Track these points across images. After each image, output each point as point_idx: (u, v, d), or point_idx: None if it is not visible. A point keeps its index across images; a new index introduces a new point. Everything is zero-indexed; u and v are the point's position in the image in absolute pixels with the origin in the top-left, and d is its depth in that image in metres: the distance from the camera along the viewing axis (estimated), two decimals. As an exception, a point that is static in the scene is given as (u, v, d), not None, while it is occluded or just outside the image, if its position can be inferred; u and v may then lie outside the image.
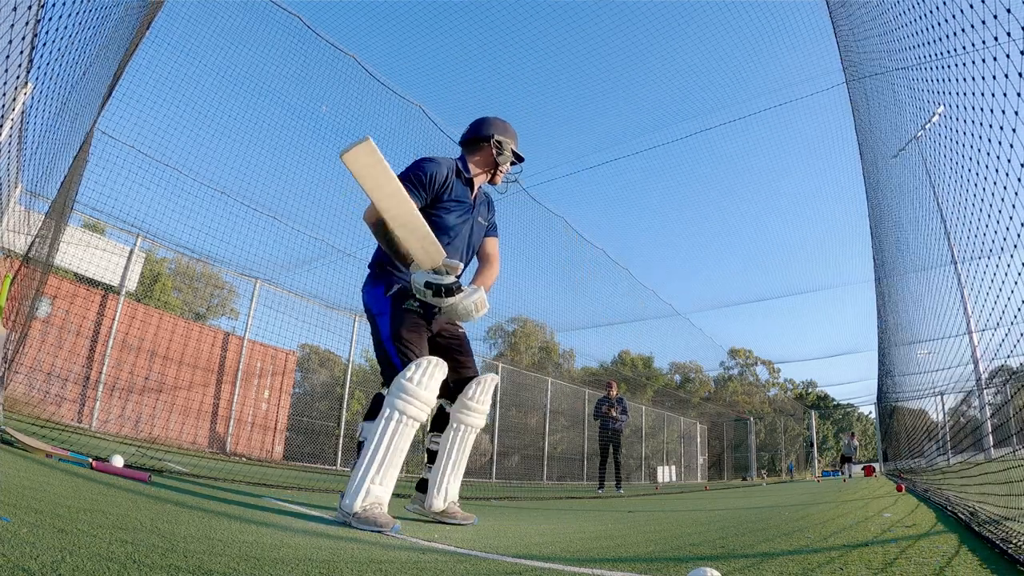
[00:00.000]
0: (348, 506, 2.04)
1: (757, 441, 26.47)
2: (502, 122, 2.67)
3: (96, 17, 2.71)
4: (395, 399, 2.15)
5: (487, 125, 2.63)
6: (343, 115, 8.92)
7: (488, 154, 2.60)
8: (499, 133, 2.61)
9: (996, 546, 1.71)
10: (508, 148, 2.62)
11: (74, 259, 7.66)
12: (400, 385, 2.17)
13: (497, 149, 2.59)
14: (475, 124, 2.66)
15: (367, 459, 2.09)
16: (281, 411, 10.75)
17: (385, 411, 2.15)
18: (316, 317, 9.72)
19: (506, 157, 2.62)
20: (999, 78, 1.91)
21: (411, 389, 2.16)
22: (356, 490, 2.04)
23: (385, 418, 2.14)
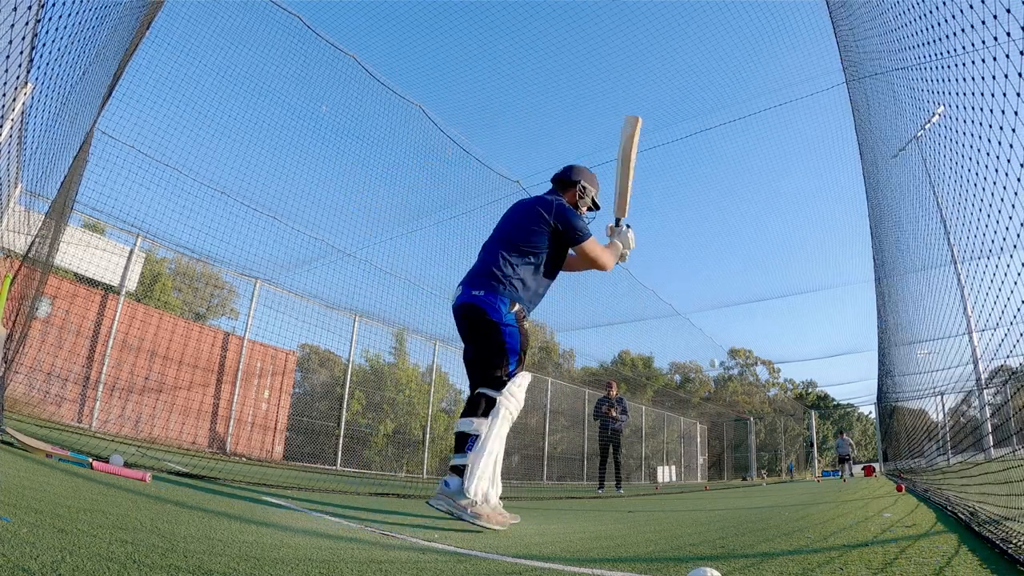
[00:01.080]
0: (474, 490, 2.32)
1: (757, 441, 26.47)
2: (590, 172, 3.13)
3: (96, 17, 2.71)
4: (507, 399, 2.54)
5: (576, 171, 3.09)
6: (343, 115, 8.93)
7: (573, 196, 3.04)
8: (584, 180, 3.06)
9: (996, 546, 1.71)
10: (589, 195, 3.07)
11: (74, 259, 7.66)
12: (511, 391, 2.57)
13: (580, 193, 3.04)
14: (567, 168, 3.11)
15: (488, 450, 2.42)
16: (281, 411, 10.75)
17: (500, 410, 2.51)
18: (316, 317, 9.73)
19: (585, 202, 3.06)
20: (999, 78, 1.91)
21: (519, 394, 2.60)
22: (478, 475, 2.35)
23: (501, 416, 2.50)
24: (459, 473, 2.41)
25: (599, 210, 3.17)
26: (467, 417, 2.54)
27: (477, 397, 2.59)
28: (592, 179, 3.10)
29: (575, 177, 3.05)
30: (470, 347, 2.78)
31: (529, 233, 2.74)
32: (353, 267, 9.78)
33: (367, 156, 9.39)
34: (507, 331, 2.64)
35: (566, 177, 3.07)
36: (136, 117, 6.81)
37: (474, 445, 2.43)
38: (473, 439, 2.45)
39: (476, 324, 2.67)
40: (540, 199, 2.88)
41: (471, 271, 2.81)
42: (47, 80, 2.64)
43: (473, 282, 2.72)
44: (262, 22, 7.48)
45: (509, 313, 2.65)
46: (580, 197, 3.03)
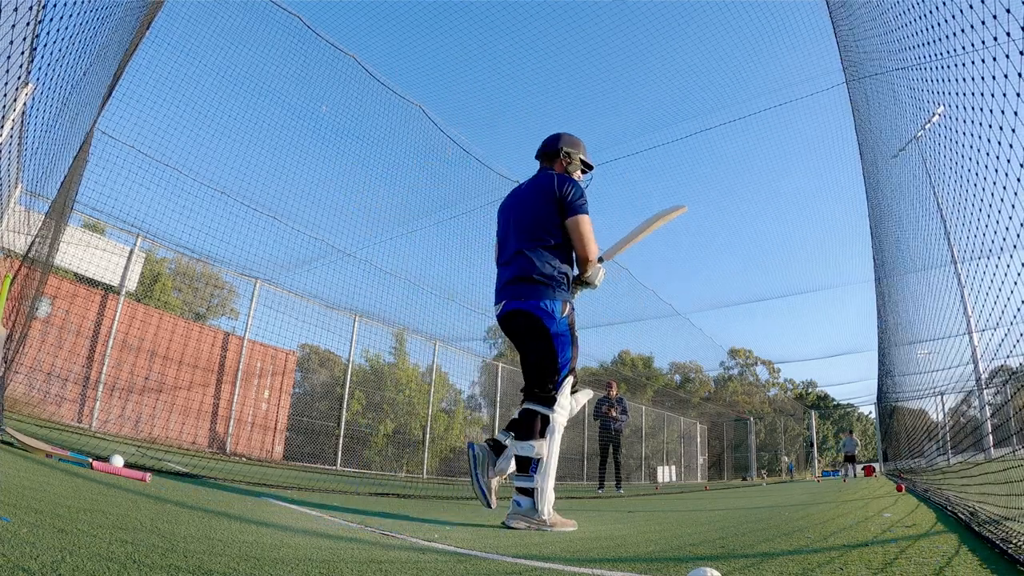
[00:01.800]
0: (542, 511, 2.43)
1: (757, 441, 26.47)
2: (570, 136, 2.99)
3: (96, 17, 2.71)
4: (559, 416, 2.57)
5: (558, 139, 2.96)
6: (343, 115, 8.93)
7: (560, 165, 2.92)
8: (567, 146, 2.94)
9: (996, 546, 1.71)
10: (576, 158, 2.94)
11: (74, 259, 7.66)
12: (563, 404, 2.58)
13: (567, 160, 2.92)
14: (548, 139, 2.99)
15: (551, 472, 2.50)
16: (281, 411, 10.75)
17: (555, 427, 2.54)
18: (316, 317, 9.73)
19: (575, 166, 2.94)
20: (999, 78, 1.91)
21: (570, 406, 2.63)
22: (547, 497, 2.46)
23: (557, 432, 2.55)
24: (526, 493, 2.48)
25: (593, 169, 3.06)
26: (526, 441, 2.53)
27: (530, 416, 2.57)
28: (573, 141, 2.97)
29: (558, 145, 2.93)
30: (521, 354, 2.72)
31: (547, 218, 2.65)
32: (353, 267, 9.79)
33: (367, 156, 9.41)
34: (558, 341, 2.59)
35: (549, 149, 2.95)
36: (136, 117, 6.81)
37: (538, 468, 2.48)
38: (536, 463, 2.50)
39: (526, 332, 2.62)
40: (537, 180, 2.81)
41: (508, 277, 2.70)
42: (47, 80, 2.64)
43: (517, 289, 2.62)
44: (262, 22, 7.49)
45: (563, 318, 2.60)
46: (568, 163, 2.91)
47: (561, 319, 2.59)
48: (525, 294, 2.59)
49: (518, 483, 2.52)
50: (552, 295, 2.59)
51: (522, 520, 2.43)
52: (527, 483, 2.48)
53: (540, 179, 2.79)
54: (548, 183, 2.71)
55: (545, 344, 2.58)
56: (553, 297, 2.59)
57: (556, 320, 2.58)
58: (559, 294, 2.61)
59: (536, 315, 2.57)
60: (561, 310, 2.60)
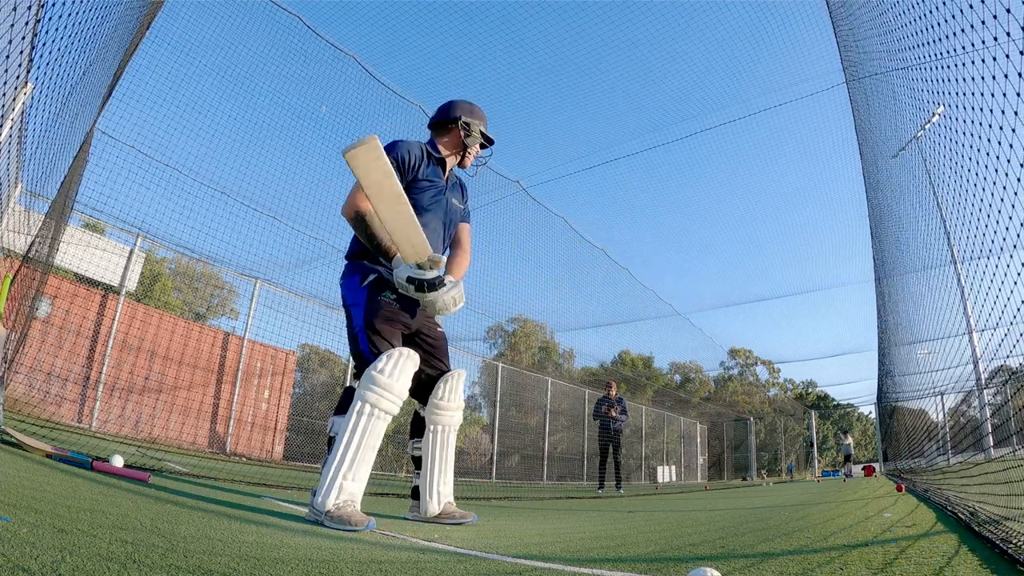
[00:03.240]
0: (321, 504, 1.99)
1: (757, 441, 26.47)
2: (469, 104, 2.67)
3: (96, 17, 2.71)
4: (365, 391, 2.12)
5: (453, 107, 2.63)
6: (343, 115, 8.92)
7: (456, 136, 2.59)
8: (466, 115, 2.60)
9: (996, 546, 1.71)
10: (476, 129, 2.61)
11: (74, 259, 7.66)
12: (371, 377, 2.13)
13: (465, 131, 2.58)
14: (442, 107, 2.66)
15: (339, 455, 2.05)
16: (281, 411, 10.75)
17: (356, 404, 2.11)
18: (316, 317, 9.72)
19: (474, 139, 2.61)
20: (999, 78, 1.91)
21: (382, 381, 2.13)
22: (329, 487, 2.01)
23: (356, 412, 2.10)
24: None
25: (493, 144, 2.74)
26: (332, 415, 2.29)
27: (345, 392, 2.30)
28: (472, 110, 2.64)
29: (453, 114, 2.59)
30: None
31: None
32: (353, 267, 9.76)
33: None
34: (353, 311, 2.34)
35: (443, 117, 2.61)
36: (136, 117, 6.82)
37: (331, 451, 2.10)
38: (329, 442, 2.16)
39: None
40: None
41: None
42: (47, 80, 2.64)
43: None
44: (262, 22, 7.49)
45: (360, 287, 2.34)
46: (466, 135, 2.58)
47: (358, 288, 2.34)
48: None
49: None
50: (350, 271, 2.40)
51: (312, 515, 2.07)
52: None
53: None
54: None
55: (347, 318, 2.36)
56: (352, 273, 2.39)
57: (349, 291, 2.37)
58: (356, 267, 2.39)
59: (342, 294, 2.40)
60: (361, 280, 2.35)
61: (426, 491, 2.49)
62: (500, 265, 10.87)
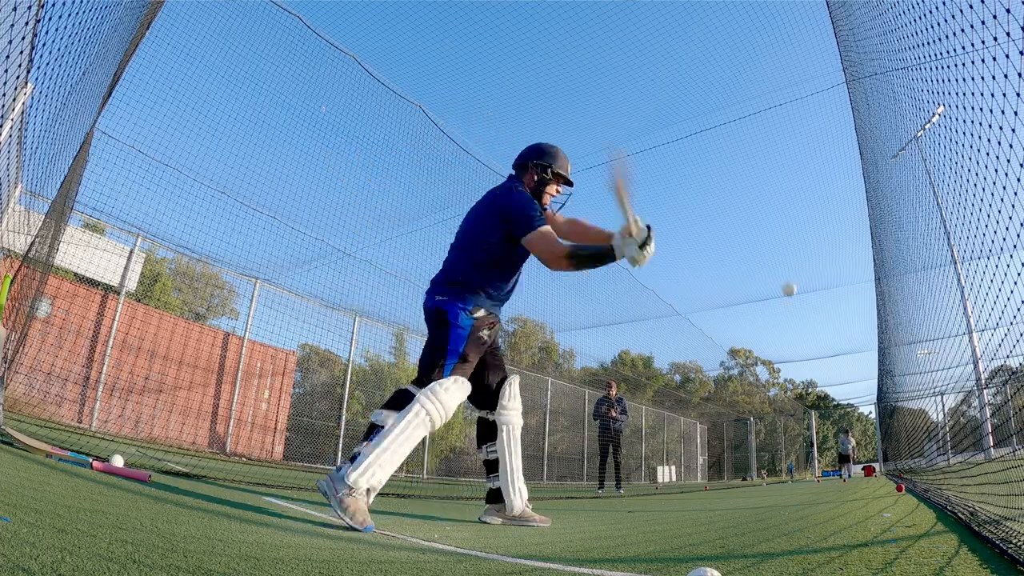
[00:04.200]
0: (345, 476, 2.09)
1: (757, 441, 26.47)
2: (547, 147, 2.84)
3: (96, 17, 2.71)
4: (426, 399, 2.30)
5: (531, 150, 2.83)
6: (343, 115, 8.93)
7: (531, 178, 2.78)
8: (539, 159, 2.79)
9: (996, 546, 1.71)
10: (549, 172, 2.78)
11: (74, 259, 7.66)
12: (435, 390, 2.33)
13: (537, 172, 2.77)
14: (525, 150, 2.85)
15: (384, 442, 2.19)
16: (281, 411, 10.75)
17: (415, 406, 2.28)
18: (316, 317, 9.73)
19: (546, 179, 2.77)
20: (999, 78, 1.91)
21: (443, 397, 2.33)
22: (365, 466, 2.12)
23: (414, 412, 2.27)
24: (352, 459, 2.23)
25: (572, 186, 2.89)
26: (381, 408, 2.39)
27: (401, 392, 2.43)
28: (545, 152, 2.81)
29: (526, 158, 2.80)
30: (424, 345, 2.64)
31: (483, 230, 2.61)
32: (353, 267, 9.79)
33: (367, 156, 9.40)
34: (455, 332, 2.51)
35: (518, 160, 2.83)
36: (136, 117, 6.81)
37: (376, 436, 2.23)
38: (378, 430, 2.27)
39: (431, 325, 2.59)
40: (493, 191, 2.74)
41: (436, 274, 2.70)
42: (47, 80, 2.64)
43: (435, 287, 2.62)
44: (262, 22, 7.49)
45: (469, 317, 2.54)
46: (540, 174, 2.76)
47: (467, 317, 2.53)
48: (437, 292, 2.59)
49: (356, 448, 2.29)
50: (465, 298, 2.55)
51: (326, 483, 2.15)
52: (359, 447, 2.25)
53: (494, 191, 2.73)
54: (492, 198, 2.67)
55: (442, 334, 2.51)
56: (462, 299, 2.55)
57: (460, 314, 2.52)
58: (474, 298, 2.56)
59: (442, 309, 2.54)
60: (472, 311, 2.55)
61: (510, 488, 2.70)
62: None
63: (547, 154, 2.80)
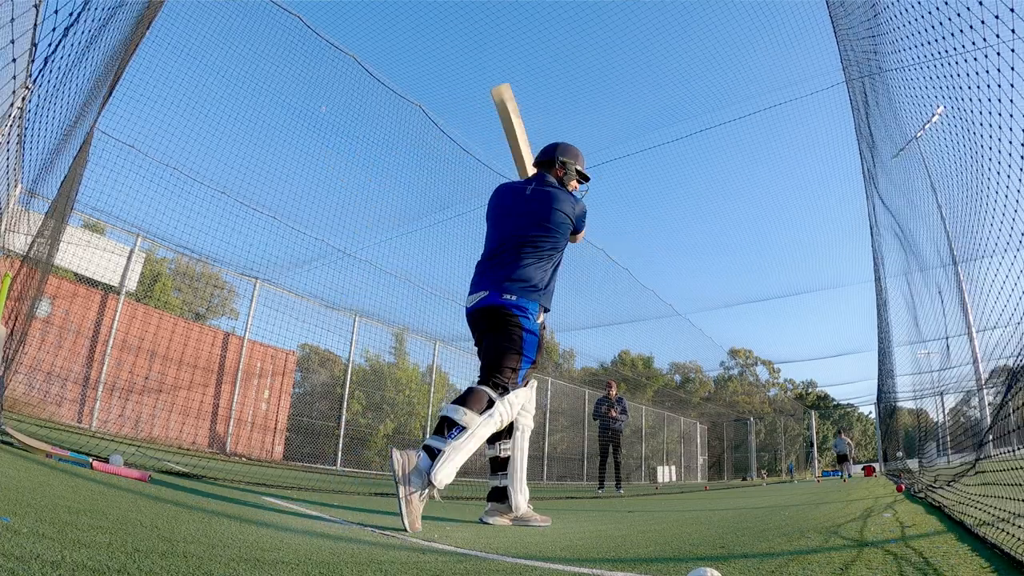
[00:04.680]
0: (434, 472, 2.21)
1: (757, 441, 26.48)
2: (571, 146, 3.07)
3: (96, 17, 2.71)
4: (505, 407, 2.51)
5: (556, 149, 3.03)
6: (343, 115, 8.93)
7: (557, 174, 2.99)
8: (564, 156, 3.01)
9: (996, 546, 1.71)
10: (572, 168, 3.01)
11: (74, 259, 7.66)
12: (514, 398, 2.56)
13: (563, 170, 2.99)
14: (547, 147, 3.07)
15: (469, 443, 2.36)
16: (281, 411, 10.75)
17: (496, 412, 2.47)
18: (316, 317, 9.73)
19: (571, 176, 3.01)
20: (999, 79, 1.91)
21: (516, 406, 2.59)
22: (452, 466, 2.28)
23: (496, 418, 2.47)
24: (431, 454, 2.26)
25: (590, 181, 3.14)
26: (459, 405, 2.41)
27: (478, 392, 2.48)
28: (570, 151, 3.05)
29: (554, 155, 3.02)
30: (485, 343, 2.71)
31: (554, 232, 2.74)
32: (353, 267, 9.78)
33: (367, 155, 9.41)
34: (528, 338, 2.64)
35: (545, 157, 3.03)
36: (136, 117, 6.82)
37: (458, 435, 2.32)
38: (459, 429, 2.34)
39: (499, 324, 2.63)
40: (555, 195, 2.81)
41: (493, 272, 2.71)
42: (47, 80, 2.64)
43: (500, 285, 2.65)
44: (262, 22, 7.49)
45: (536, 322, 2.69)
46: (564, 173, 3.00)
47: (535, 322, 2.68)
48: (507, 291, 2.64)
49: (428, 441, 2.32)
50: (532, 298, 2.67)
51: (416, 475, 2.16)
52: (438, 443, 2.28)
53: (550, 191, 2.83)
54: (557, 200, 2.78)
55: (516, 337, 2.61)
56: (533, 299, 2.67)
57: (531, 319, 2.66)
58: (539, 299, 2.70)
59: (514, 312, 2.62)
60: (538, 315, 2.71)
61: (517, 488, 2.79)
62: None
63: (571, 152, 3.04)
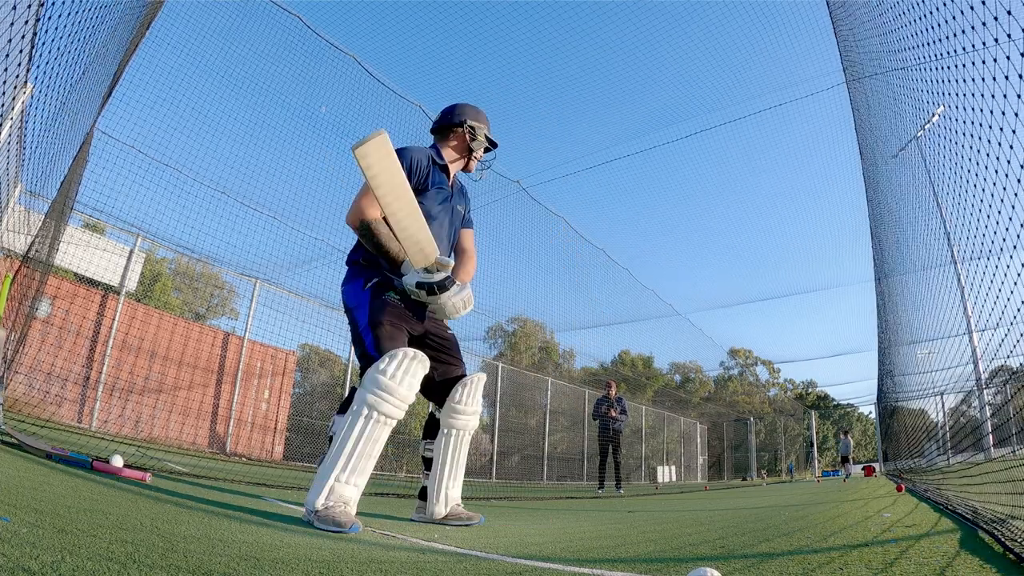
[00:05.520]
0: (311, 503, 1.93)
1: (757, 441, 26.48)
2: (473, 107, 2.64)
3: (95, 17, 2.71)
4: (367, 394, 2.01)
5: (458, 111, 2.59)
6: (343, 115, 8.93)
7: (461, 140, 2.57)
8: (471, 118, 2.58)
9: (999, 543, 1.71)
10: (481, 133, 2.59)
11: (74, 259, 7.66)
12: (373, 379, 2.02)
13: (470, 134, 2.56)
14: (446, 111, 2.63)
15: (333, 456, 1.97)
16: (281, 411, 10.75)
17: (354, 406, 2.01)
18: (316, 317, 9.73)
19: (480, 142, 2.59)
20: (999, 79, 1.91)
21: (384, 383, 2.01)
22: (319, 488, 1.93)
23: (354, 413, 2.00)
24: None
25: (497, 147, 2.71)
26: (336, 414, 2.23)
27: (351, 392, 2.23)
28: (478, 114, 2.63)
29: (458, 118, 2.56)
30: None
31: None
32: (353, 267, 9.77)
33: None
34: (356, 313, 2.27)
35: (448, 121, 2.57)
36: (136, 117, 6.84)
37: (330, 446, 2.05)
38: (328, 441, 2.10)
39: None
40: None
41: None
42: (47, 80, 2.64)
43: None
44: (262, 22, 7.49)
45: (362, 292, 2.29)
46: (472, 138, 2.56)
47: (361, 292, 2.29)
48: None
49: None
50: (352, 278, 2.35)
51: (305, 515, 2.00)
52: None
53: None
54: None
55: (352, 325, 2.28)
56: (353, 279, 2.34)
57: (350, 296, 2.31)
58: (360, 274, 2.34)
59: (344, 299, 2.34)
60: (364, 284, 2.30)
61: (434, 493, 2.45)
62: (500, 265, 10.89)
63: (477, 116, 2.61)
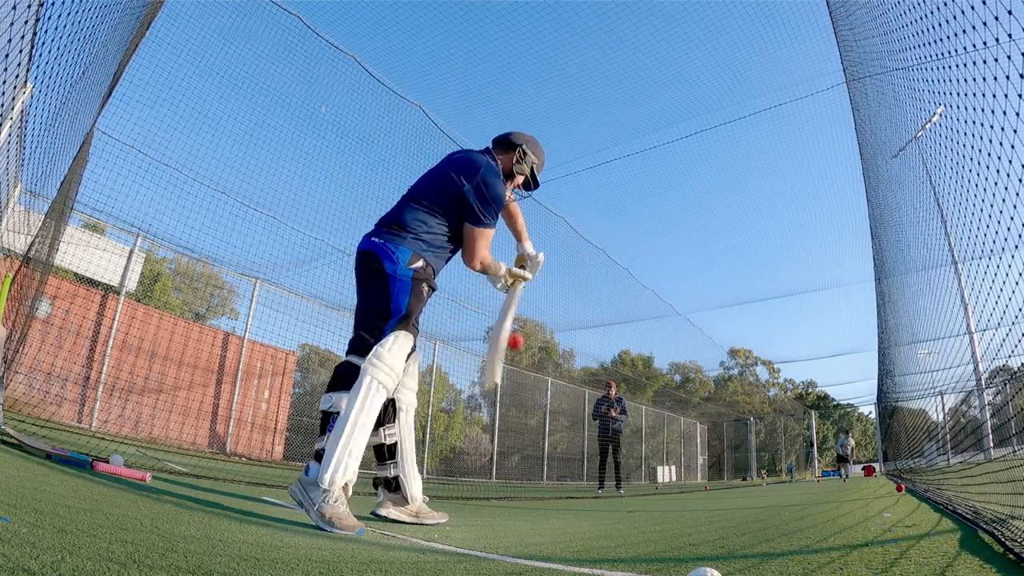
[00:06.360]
0: (321, 478, 1.96)
1: (757, 441, 26.48)
2: (538, 144, 2.81)
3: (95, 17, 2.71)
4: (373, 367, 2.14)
5: (524, 136, 2.77)
6: (343, 115, 8.93)
7: (508, 160, 2.70)
8: (528, 146, 2.75)
9: (1000, 543, 1.71)
10: (528, 162, 2.72)
11: (74, 259, 7.66)
12: (378, 354, 2.16)
13: (519, 158, 2.70)
14: (518, 133, 2.80)
15: (345, 427, 2.03)
16: (281, 411, 10.74)
17: (364, 379, 2.12)
18: (316, 317, 9.72)
19: (522, 168, 2.71)
20: (999, 79, 1.91)
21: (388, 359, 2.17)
22: (337, 464, 1.98)
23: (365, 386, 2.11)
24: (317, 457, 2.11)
25: (536, 188, 2.84)
26: (329, 391, 2.23)
27: (344, 366, 2.27)
28: (537, 148, 2.76)
29: (517, 140, 2.72)
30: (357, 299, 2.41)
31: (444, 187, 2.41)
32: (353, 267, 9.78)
33: (367, 155, 9.40)
34: (395, 285, 2.29)
35: (507, 139, 2.73)
36: (136, 117, 6.83)
37: (335, 424, 2.09)
38: (334, 418, 2.13)
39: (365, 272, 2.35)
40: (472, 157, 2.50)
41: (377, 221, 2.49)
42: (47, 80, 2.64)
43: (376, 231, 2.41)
44: (262, 22, 7.49)
45: (408, 267, 2.30)
46: (518, 162, 2.68)
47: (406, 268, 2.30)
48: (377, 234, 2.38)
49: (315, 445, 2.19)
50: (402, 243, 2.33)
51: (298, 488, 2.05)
52: (320, 443, 2.14)
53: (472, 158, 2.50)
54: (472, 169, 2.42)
55: (380, 282, 2.29)
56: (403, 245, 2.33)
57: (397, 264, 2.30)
58: (412, 244, 2.34)
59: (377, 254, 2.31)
60: (411, 260, 2.32)
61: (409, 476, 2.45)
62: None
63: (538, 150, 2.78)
